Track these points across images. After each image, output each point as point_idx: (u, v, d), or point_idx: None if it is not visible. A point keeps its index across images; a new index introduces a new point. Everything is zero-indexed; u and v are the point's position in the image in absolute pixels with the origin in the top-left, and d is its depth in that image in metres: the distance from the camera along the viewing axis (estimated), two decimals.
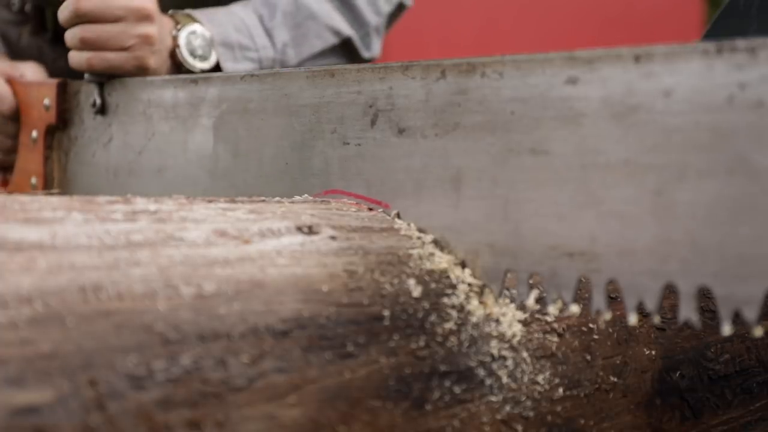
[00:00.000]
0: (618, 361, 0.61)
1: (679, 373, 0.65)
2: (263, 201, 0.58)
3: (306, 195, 0.66)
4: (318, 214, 0.56)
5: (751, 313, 0.44)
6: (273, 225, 0.52)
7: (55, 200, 0.48)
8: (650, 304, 0.48)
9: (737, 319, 0.45)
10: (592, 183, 0.51)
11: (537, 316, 0.57)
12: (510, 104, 0.55)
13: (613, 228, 0.49)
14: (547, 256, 0.52)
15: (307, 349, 0.46)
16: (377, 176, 0.62)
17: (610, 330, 0.61)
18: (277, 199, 0.61)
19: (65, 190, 0.94)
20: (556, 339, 0.57)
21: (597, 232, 0.50)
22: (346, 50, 1.11)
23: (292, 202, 0.59)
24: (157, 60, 0.90)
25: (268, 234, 0.51)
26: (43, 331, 0.38)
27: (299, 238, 0.52)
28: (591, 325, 0.60)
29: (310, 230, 0.53)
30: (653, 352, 0.63)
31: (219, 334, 0.43)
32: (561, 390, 0.57)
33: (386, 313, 0.50)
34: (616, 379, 0.60)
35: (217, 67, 0.96)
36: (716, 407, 0.67)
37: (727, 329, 0.44)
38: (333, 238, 0.53)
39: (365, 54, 1.13)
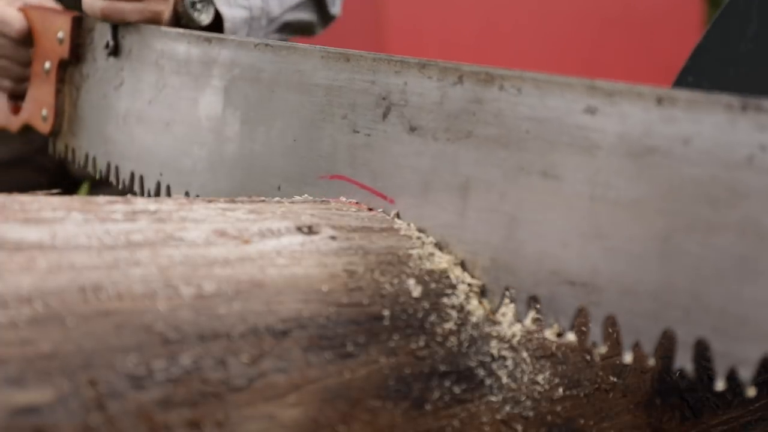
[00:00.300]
0: (618, 361, 0.61)
1: (678, 373, 0.65)
2: (263, 201, 0.58)
3: (313, 175, 0.66)
4: (318, 214, 0.56)
5: (746, 373, 0.44)
6: (273, 225, 0.52)
7: (55, 200, 0.48)
8: (647, 347, 0.48)
9: (732, 376, 0.45)
10: (600, 216, 0.50)
11: (537, 316, 0.57)
12: (526, 122, 0.54)
13: (616, 264, 0.49)
14: (548, 280, 0.51)
15: (307, 349, 0.46)
16: (384, 169, 0.61)
17: (610, 330, 0.61)
18: (277, 199, 0.61)
19: (74, 126, 0.94)
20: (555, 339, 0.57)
21: (600, 266, 0.50)
22: (317, 4, 1.13)
23: (292, 202, 0.59)
24: (169, 12, 0.89)
25: (268, 234, 0.51)
26: (43, 331, 0.38)
27: (299, 238, 0.52)
28: (591, 325, 0.60)
29: (310, 230, 0.53)
30: None
31: (219, 334, 0.43)
32: (561, 390, 0.57)
33: (386, 313, 0.50)
34: (615, 379, 0.60)
35: (215, 23, 0.94)
36: (716, 407, 0.67)
37: (720, 385, 0.45)
38: (333, 238, 0.53)
39: (332, 10, 1.15)
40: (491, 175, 0.55)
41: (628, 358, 0.48)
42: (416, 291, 0.53)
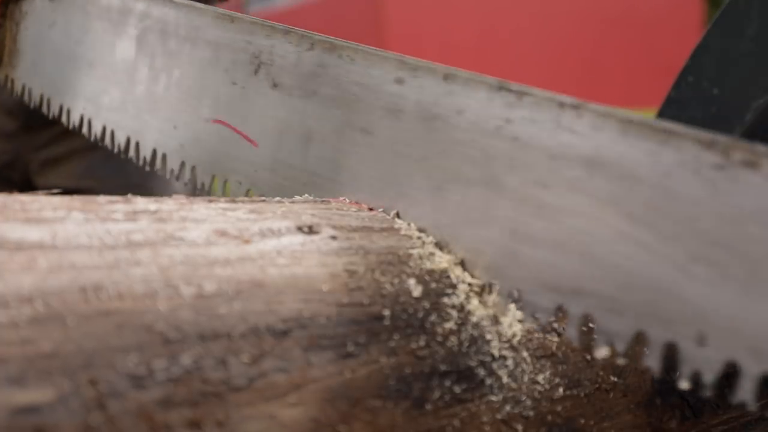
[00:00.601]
0: (618, 361, 0.61)
1: (679, 372, 0.65)
2: (263, 201, 0.58)
3: (200, 119, 0.78)
4: (318, 214, 0.56)
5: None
6: (273, 225, 0.52)
7: (55, 200, 0.48)
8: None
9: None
10: (398, 169, 0.61)
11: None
12: (354, 86, 0.65)
13: (408, 207, 0.60)
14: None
15: (308, 348, 0.46)
16: (252, 118, 0.73)
17: None
18: (278, 199, 0.61)
19: (14, 59, 1.02)
20: (556, 338, 0.57)
21: (395, 206, 0.61)
22: None
23: (293, 202, 0.59)
24: None
25: (268, 234, 0.51)
26: (43, 330, 0.38)
27: (299, 237, 0.52)
28: (591, 325, 0.60)
29: (311, 230, 0.53)
30: None
31: (219, 334, 0.43)
32: (561, 390, 0.57)
33: (386, 312, 0.50)
34: (616, 379, 0.60)
35: None
36: (716, 407, 0.67)
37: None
38: (333, 237, 0.53)
39: None
40: (326, 129, 0.67)
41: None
42: (417, 291, 0.53)
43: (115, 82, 0.87)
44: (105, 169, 1.33)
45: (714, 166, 0.46)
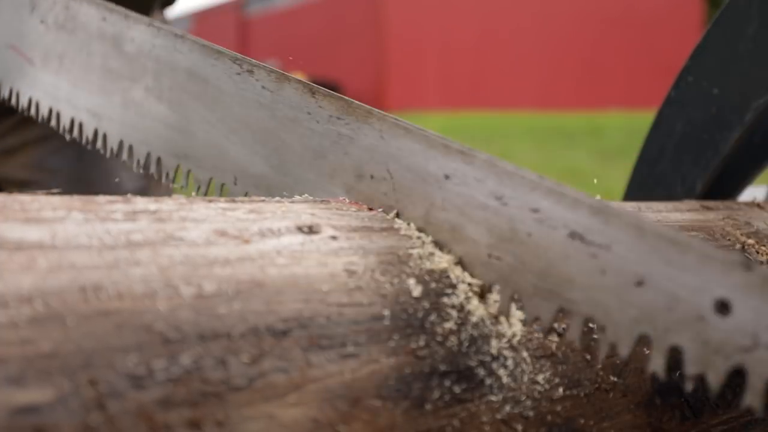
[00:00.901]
0: (618, 361, 0.61)
1: (679, 372, 0.65)
2: (263, 201, 0.58)
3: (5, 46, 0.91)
4: (318, 214, 0.56)
5: None
6: (273, 225, 0.52)
7: (55, 200, 0.48)
8: None
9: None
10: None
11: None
12: None
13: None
14: None
15: (308, 348, 0.46)
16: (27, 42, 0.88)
17: None
18: (277, 199, 0.61)
19: None
20: (556, 338, 0.57)
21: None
22: None
23: (292, 202, 0.59)
24: None
25: (268, 234, 0.51)
26: (43, 330, 0.38)
27: (299, 237, 0.52)
28: (591, 325, 0.60)
29: (311, 230, 0.53)
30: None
31: (219, 334, 0.43)
32: (561, 390, 0.57)
33: (386, 312, 0.50)
34: (616, 379, 0.60)
35: None
36: (716, 407, 0.67)
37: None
38: (333, 237, 0.53)
39: None
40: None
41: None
42: (416, 291, 0.53)
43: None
44: (57, 161, 1.31)
45: None
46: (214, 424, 0.41)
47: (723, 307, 0.45)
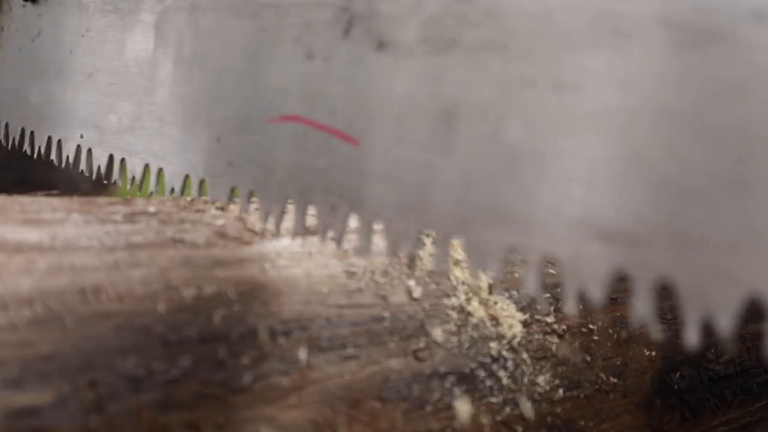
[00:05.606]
0: (618, 362, 0.61)
1: (679, 373, 0.65)
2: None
3: (259, 119, 0.53)
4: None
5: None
6: (273, 226, 0.52)
7: (55, 201, 0.48)
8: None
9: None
10: None
11: (537, 317, 0.57)
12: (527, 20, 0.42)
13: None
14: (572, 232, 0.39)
15: (308, 350, 0.46)
16: (347, 103, 0.47)
17: (610, 331, 0.61)
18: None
19: None
20: (556, 340, 0.57)
21: None
22: None
23: (291, 203, 0.59)
24: None
25: (267, 235, 0.51)
26: (42, 332, 0.38)
27: (299, 239, 0.52)
28: (591, 326, 0.60)
29: (310, 231, 0.53)
30: (653, 353, 0.63)
31: (219, 336, 0.43)
32: (561, 391, 0.57)
33: (386, 314, 0.50)
34: (616, 380, 0.60)
35: None
36: (716, 408, 0.67)
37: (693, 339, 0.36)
38: (333, 239, 0.53)
39: None
40: (483, 95, 0.42)
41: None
42: (416, 292, 0.53)
43: (126, 92, 0.65)
44: None
45: None
46: (213, 427, 0.41)
47: None
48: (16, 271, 0.40)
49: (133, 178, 0.61)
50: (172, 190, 0.57)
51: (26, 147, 0.76)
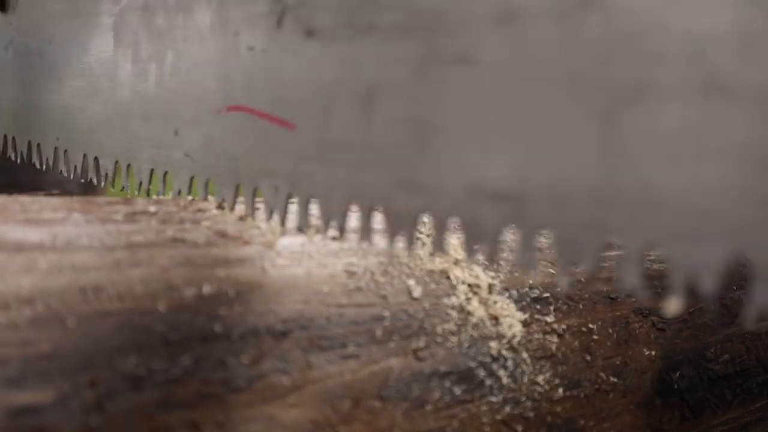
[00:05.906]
0: (618, 362, 0.61)
1: (678, 373, 0.65)
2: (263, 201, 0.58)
3: (208, 112, 0.55)
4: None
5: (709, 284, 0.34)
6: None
7: (55, 201, 0.48)
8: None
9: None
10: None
11: (537, 317, 0.57)
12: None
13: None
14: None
15: (307, 349, 0.46)
16: (283, 89, 0.50)
17: (610, 330, 0.61)
18: None
19: None
20: (556, 339, 0.57)
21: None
22: None
23: (291, 203, 0.60)
24: None
25: (268, 234, 0.51)
26: (43, 331, 0.38)
27: (299, 238, 0.52)
28: (591, 326, 0.60)
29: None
30: (653, 353, 0.63)
31: (219, 335, 0.43)
32: (561, 390, 0.57)
33: (386, 313, 0.50)
34: (616, 380, 0.60)
35: None
36: (716, 407, 0.67)
37: (673, 306, 0.35)
38: (333, 238, 0.53)
39: None
40: (398, 75, 0.44)
41: (563, 283, 0.42)
42: (416, 291, 0.53)
43: (91, 93, 0.68)
44: None
45: None
46: (214, 425, 0.41)
47: None
48: (17, 271, 0.40)
49: (106, 175, 0.64)
50: (140, 183, 0.60)
51: (10, 152, 0.78)
